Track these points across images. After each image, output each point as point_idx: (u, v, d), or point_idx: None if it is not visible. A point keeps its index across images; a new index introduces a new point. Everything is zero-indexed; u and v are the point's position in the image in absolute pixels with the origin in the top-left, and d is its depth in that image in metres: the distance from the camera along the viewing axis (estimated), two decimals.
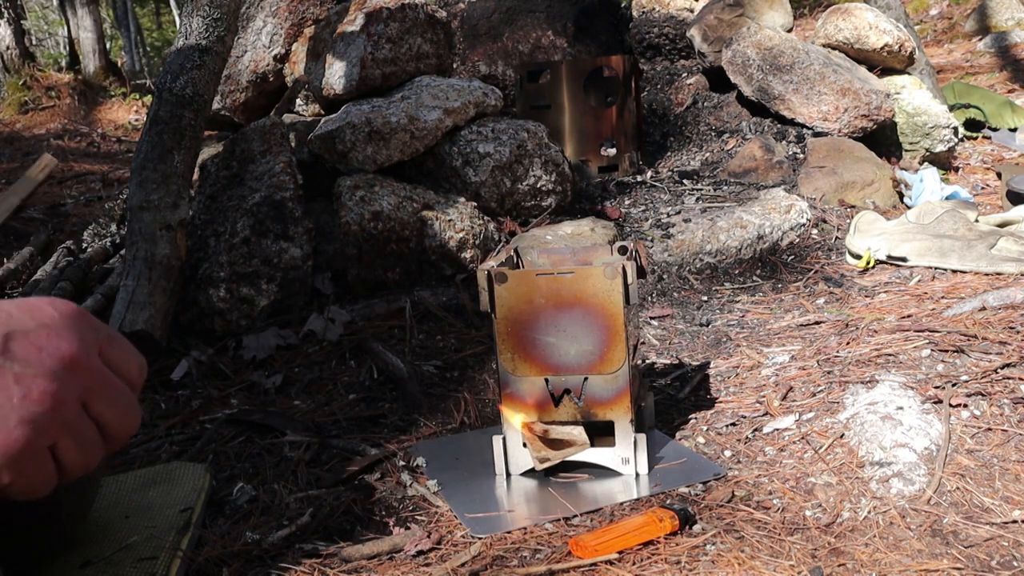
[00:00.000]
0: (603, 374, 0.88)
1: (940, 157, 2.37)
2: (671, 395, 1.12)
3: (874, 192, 1.97)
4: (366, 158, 1.71)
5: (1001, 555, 0.72)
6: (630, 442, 0.89)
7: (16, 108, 5.87)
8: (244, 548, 0.83)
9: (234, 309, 1.50)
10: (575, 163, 2.11)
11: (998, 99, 3.06)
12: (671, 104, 2.50)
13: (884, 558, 0.72)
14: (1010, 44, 4.94)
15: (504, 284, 0.87)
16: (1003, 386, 0.98)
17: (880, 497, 0.82)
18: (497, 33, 2.64)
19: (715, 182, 2.07)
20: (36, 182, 3.49)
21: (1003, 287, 1.32)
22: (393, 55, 1.86)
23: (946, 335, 1.15)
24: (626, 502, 0.85)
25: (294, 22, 2.14)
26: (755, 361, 1.19)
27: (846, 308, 1.39)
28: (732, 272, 1.60)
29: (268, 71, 2.16)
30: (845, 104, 2.14)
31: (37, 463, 0.58)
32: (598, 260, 0.97)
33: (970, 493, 0.81)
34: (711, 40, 2.41)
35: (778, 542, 0.76)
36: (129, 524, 0.87)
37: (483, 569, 0.75)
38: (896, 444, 0.88)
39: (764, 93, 2.22)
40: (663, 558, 0.74)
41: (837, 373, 1.09)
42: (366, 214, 1.59)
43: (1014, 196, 1.91)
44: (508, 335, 0.88)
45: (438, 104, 1.77)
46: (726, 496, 0.84)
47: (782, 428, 0.98)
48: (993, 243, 1.49)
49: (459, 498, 0.88)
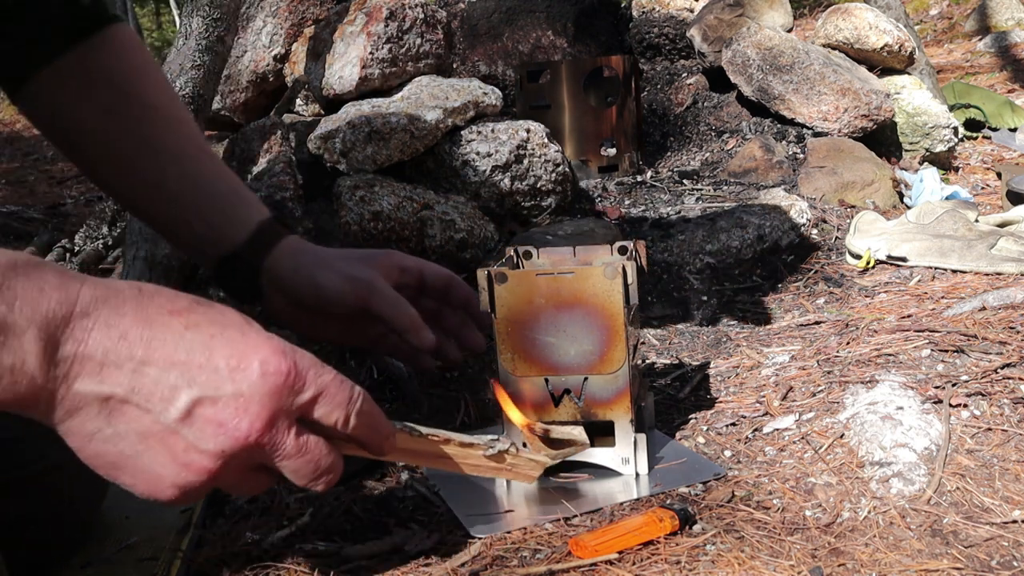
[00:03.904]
0: (603, 374, 0.88)
1: (940, 157, 2.37)
2: (671, 395, 1.12)
3: (874, 192, 1.97)
4: (366, 158, 1.71)
5: (1001, 555, 0.72)
6: (630, 442, 0.89)
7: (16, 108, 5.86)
8: (244, 548, 0.83)
9: (234, 309, 1.50)
10: (575, 163, 2.12)
11: (998, 99, 3.06)
12: (671, 104, 2.50)
13: (884, 558, 0.72)
14: (1010, 44, 4.94)
15: (504, 284, 0.87)
16: (1003, 386, 0.98)
17: (880, 497, 0.82)
18: (497, 33, 2.64)
19: (715, 182, 2.07)
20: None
21: (1003, 287, 1.32)
22: (393, 55, 1.86)
23: (946, 335, 1.15)
24: (626, 502, 0.85)
25: (294, 22, 2.14)
26: (755, 361, 1.19)
27: (846, 308, 1.39)
28: (732, 272, 1.60)
29: (268, 71, 2.16)
30: (845, 104, 2.14)
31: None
32: (598, 260, 0.97)
33: (970, 493, 0.81)
34: (711, 40, 2.41)
35: (778, 542, 0.76)
36: (129, 524, 0.87)
37: (483, 569, 0.75)
38: (896, 444, 0.88)
39: (764, 93, 2.22)
40: (663, 558, 0.74)
41: (837, 373, 1.09)
42: (366, 214, 1.59)
43: (1014, 196, 1.91)
44: (508, 335, 0.88)
45: (438, 104, 1.77)
46: (726, 496, 0.84)
47: (782, 428, 0.98)
48: (993, 243, 1.49)
49: (459, 498, 0.88)
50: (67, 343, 0.53)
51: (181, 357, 0.56)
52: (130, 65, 0.99)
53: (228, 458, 0.57)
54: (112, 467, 0.57)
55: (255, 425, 0.57)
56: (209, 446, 0.56)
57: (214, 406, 0.56)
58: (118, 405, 0.55)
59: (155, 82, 1.01)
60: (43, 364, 0.52)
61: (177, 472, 0.57)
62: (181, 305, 0.58)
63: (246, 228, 0.97)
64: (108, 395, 0.55)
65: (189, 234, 0.98)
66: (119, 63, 0.98)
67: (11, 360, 0.51)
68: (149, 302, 0.56)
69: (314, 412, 0.61)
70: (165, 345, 0.55)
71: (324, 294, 0.94)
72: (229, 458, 0.57)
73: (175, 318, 0.57)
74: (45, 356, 0.52)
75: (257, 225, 0.97)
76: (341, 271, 0.95)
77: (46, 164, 4.45)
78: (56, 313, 0.53)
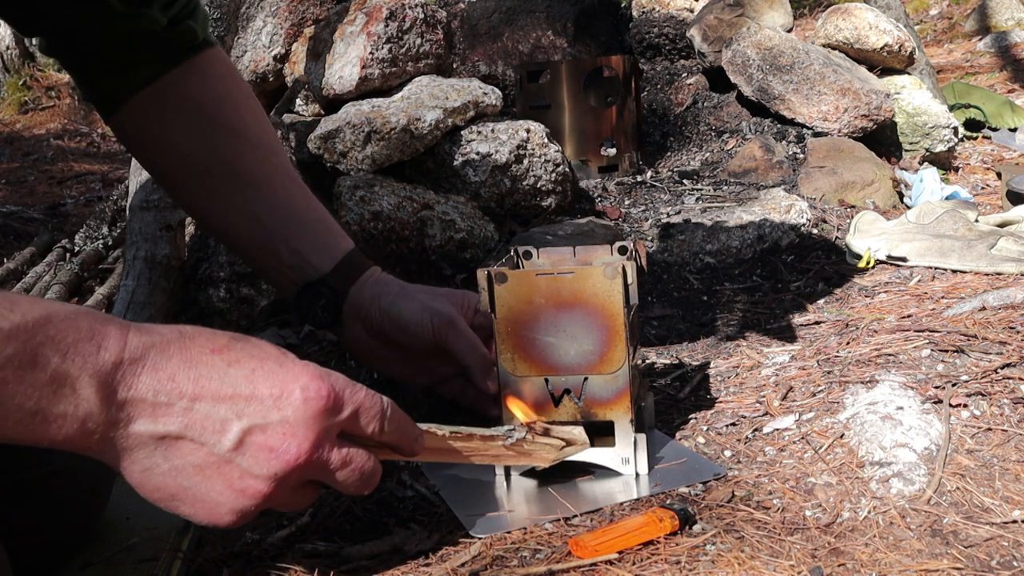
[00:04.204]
0: (603, 374, 0.88)
1: (940, 157, 2.37)
2: (671, 395, 1.12)
3: (874, 192, 1.97)
4: (366, 158, 1.71)
5: (1001, 555, 0.72)
6: (630, 442, 0.89)
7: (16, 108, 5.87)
8: (244, 548, 0.83)
9: (234, 309, 1.50)
10: (575, 163, 2.12)
11: (998, 99, 3.06)
12: (671, 104, 2.50)
13: (884, 558, 0.72)
14: (1010, 44, 4.94)
15: (504, 284, 0.87)
16: (1003, 386, 0.98)
17: (880, 497, 0.82)
18: (497, 33, 2.64)
19: (715, 182, 2.07)
20: None
21: (1003, 287, 1.32)
22: (393, 55, 1.86)
23: (946, 335, 1.15)
24: (626, 502, 0.85)
25: (294, 22, 2.14)
26: (755, 361, 1.19)
27: (846, 308, 1.39)
28: (732, 272, 1.60)
29: (268, 71, 2.16)
30: (845, 104, 2.14)
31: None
32: (598, 260, 0.97)
33: (970, 493, 0.81)
34: (711, 40, 2.41)
35: (778, 542, 0.76)
36: (130, 525, 0.87)
37: (483, 569, 0.75)
38: (896, 444, 0.88)
39: (764, 93, 2.22)
40: (663, 558, 0.74)
41: (837, 373, 1.09)
42: (366, 214, 1.59)
43: (1014, 196, 1.91)
44: (508, 335, 0.88)
45: (438, 104, 1.77)
46: (726, 496, 0.84)
47: (782, 428, 0.98)
48: (993, 243, 1.49)
49: (459, 498, 0.88)
50: (120, 388, 0.57)
51: (228, 391, 0.60)
52: (220, 92, 1.03)
53: (281, 480, 0.61)
54: (171, 499, 0.61)
55: (303, 447, 0.61)
56: (263, 471, 0.61)
57: (264, 433, 0.60)
58: (173, 442, 0.59)
59: (246, 109, 1.05)
60: (99, 410, 0.56)
61: (234, 498, 0.61)
62: (221, 343, 0.62)
63: (332, 257, 1.03)
64: (163, 434, 0.59)
65: (274, 260, 1.03)
66: (209, 90, 1.03)
67: (66, 408, 0.55)
68: (191, 343, 0.60)
69: (353, 426, 0.65)
70: (211, 382, 0.59)
71: (404, 324, 0.99)
72: (282, 480, 0.61)
73: (217, 356, 0.61)
74: (100, 402, 0.56)
75: (345, 254, 1.03)
76: (423, 303, 1.00)
77: (46, 164, 4.45)
78: (108, 361, 0.56)
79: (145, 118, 1.01)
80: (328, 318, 1.03)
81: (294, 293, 1.04)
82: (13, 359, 0.53)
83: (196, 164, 1.01)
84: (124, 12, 0.93)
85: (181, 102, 1.00)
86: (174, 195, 1.10)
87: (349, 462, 0.65)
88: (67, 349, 0.55)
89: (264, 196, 1.02)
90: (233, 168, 1.01)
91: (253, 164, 1.02)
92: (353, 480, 0.66)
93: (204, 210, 1.05)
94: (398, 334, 1.00)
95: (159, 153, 1.03)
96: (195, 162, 1.01)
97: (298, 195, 1.05)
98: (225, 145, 1.01)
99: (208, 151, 1.00)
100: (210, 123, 1.00)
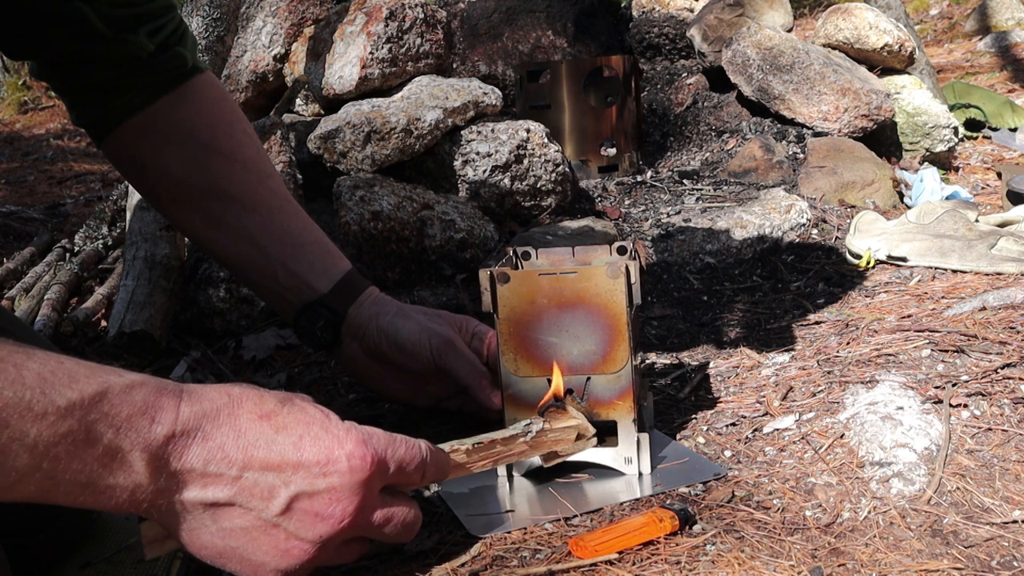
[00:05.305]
0: (606, 374, 0.88)
1: (940, 157, 2.37)
2: (671, 395, 1.12)
3: (874, 192, 1.97)
4: (366, 158, 1.71)
5: (1001, 555, 0.72)
6: (633, 442, 0.89)
7: (16, 108, 5.87)
8: None
9: (234, 309, 1.50)
10: (575, 163, 2.12)
11: (998, 99, 3.06)
12: (671, 104, 2.50)
13: (884, 558, 0.72)
14: (1010, 44, 4.94)
15: (506, 284, 0.87)
16: (1003, 386, 0.98)
17: (880, 497, 0.82)
18: (497, 33, 2.64)
19: (715, 182, 2.07)
20: None
21: (1003, 287, 1.32)
22: (393, 55, 1.86)
23: (946, 335, 1.15)
24: (626, 502, 0.85)
25: (294, 22, 2.14)
26: (755, 361, 1.19)
27: (846, 308, 1.39)
28: (732, 272, 1.60)
29: (268, 71, 2.16)
30: (845, 104, 2.14)
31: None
32: (598, 260, 0.97)
33: (970, 493, 0.81)
34: (711, 40, 2.41)
35: (778, 542, 0.76)
36: (129, 525, 0.87)
37: (483, 569, 0.75)
38: (896, 444, 0.88)
39: (764, 93, 2.22)
40: (663, 558, 0.74)
41: (837, 373, 1.09)
42: (366, 214, 1.59)
43: (1014, 196, 1.91)
44: (510, 335, 0.88)
45: (438, 104, 1.77)
46: (726, 496, 0.84)
47: (782, 428, 0.98)
48: (993, 243, 1.49)
49: (459, 498, 0.88)
50: (172, 460, 0.59)
51: (276, 460, 0.62)
52: (213, 118, 1.04)
53: (326, 542, 0.64)
54: (218, 556, 0.63)
55: (348, 511, 0.64)
56: (309, 535, 0.63)
57: (310, 500, 0.63)
58: (222, 507, 0.61)
59: (240, 133, 1.06)
60: (148, 481, 0.58)
61: (279, 559, 0.63)
62: (268, 408, 0.64)
63: (331, 277, 1.04)
64: (213, 501, 0.61)
65: (271, 283, 1.04)
66: (202, 116, 1.04)
67: (116, 480, 0.57)
68: (239, 408, 0.63)
69: (397, 481, 0.68)
70: (259, 450, 0.62)
71: (403, 344, 1.01)
72: (326, 542, 0.64)
73: (265, 422, 0.63)
74: (150, 474, 0.58)
75: (343, 275, 1.04)
76: (421, 323, 1.01)
77: (46, 164, 4.45)
78: (160, 435, 0.58)
79: (137, 144, 1.01)
80: (327, 339, 1.04)
81: (293, 314, 1.05)
82: (68, 436, 0.54)
83: (191, 189, 1.02)
84: (110, 37, 0.94)
85: (173, 129, 1.01)
86: (169, 218, 1.11)
87: (391, 519, 0.68)
88: (120, 424, 0.57)
89: (260, 219, 1.02)
90: (229, 192, 1.02)
91: (248, 188, 1.03)
92: (396, 532, 0.69)
93: (200, 234, 1.05)
94: (396, 354, 1.01)
95: (152, 178, 1.04)
96: (190, 187, 1.01)
97: (294, 217, 1.05)
98: (220, 170, 1.02)
99: (203, 176, 1.01)
100: (204, 149, 1.01)
